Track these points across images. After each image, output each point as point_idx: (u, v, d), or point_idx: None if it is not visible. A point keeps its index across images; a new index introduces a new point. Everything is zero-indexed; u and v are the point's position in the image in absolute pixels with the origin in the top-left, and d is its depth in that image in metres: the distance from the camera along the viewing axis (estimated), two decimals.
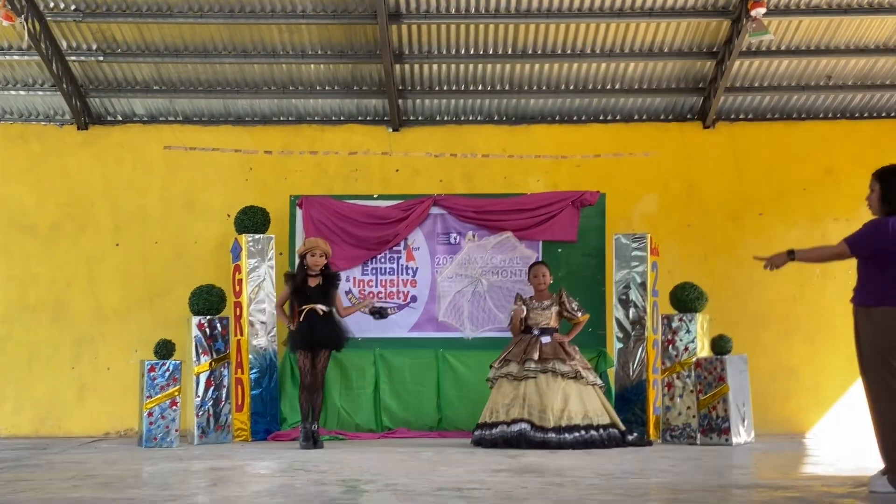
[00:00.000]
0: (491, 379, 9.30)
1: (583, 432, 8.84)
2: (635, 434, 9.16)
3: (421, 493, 5.95)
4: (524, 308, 9.36)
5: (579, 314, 9.40)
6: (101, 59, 10.93)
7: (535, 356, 9.08)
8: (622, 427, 9.12)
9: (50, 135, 11.42)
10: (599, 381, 9.25)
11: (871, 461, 7.77)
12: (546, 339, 9.19)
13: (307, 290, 9.17)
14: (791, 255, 6.26)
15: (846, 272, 11.03)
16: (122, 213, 11.32)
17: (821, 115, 11.45)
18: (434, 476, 6.80)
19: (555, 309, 9.35)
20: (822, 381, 11.01)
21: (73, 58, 10.92)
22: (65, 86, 10.96)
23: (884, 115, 11.40)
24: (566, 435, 8.78)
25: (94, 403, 11.09)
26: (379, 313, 9.46)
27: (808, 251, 6.41)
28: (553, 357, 9.07)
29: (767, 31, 9.82)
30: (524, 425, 8.87)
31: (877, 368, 5.98)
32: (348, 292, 10.51)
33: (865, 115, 11.41)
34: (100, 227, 11.30)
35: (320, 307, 9.13)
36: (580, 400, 8.98)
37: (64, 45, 10.84)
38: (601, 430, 8.91)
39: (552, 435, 8.77)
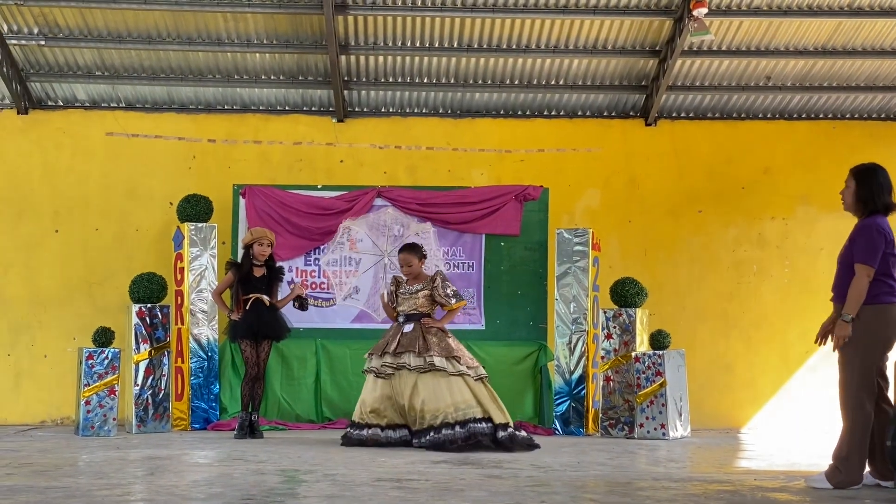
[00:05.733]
0: (364, 370, 8.64)
1: (433, 434, 8.06)
2: (521, 433, 8.31)
3: (360, 483, 5.98)
4: (386, 292, 8.80)
5: (453, 301, 8.52)
6: (42, 43, 10.78)
7: (392, 348, 8.34)
8: (501, 420, 8.15)
9: None
10: (467, 371, 8.23)
11: (803, 456, 7.95)
12: (408, 328, 8.41)
13: (252, 280, 9.15)
14: (846, 318, 5.98)
15: (782, 271, 11.28)
16: (62, 200, 11.19)
17: (759, 115, 11.61)
18: (373, 467, 6.82)
19: (424, 293, 8.53)
20: (757, 377, 11.20)
21: (14, 41, 10.76)
22: (5, 70, 10.79)
23: (821, 116, 11.58)
24: (421, 438, 8.13)
25: (30, 391, 10.96)
26: (300, 303, 9.29)
27: (850, 301, 6.00)
28: (407, 349, 8.29)
29: (708, 31, 9.94)
30: (404, 431, 8.35)
31: (856, 365, 5.99)
32: (290, 282, 10.43)
33: (803, 115, 11.58)
34: (39, 212, 11.16)
35: (265, 297, 9.12)
36: (434, 396, 8.11)
37: (5, 28, 10.67)
38: (457, 428, 8.01)
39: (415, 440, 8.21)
